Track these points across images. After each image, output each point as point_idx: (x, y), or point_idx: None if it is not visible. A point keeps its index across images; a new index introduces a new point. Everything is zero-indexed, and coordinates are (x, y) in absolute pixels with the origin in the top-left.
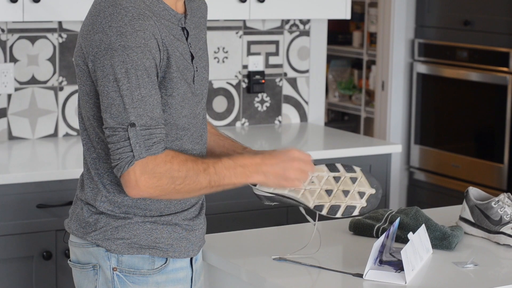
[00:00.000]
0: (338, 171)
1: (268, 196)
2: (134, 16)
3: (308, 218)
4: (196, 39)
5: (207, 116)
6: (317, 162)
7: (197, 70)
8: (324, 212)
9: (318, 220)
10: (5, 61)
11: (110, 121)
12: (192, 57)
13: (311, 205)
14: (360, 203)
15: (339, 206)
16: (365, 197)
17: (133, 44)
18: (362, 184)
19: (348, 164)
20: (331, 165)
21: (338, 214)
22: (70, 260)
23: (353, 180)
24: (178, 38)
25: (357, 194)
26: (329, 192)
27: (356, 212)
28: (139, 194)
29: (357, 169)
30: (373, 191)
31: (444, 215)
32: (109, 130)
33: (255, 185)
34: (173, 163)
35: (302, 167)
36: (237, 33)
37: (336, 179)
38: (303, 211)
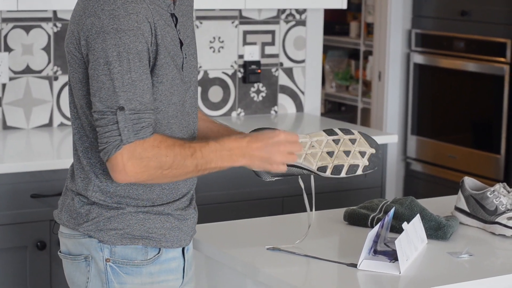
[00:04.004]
0: (336, 134)
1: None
2: None
3: (306, 203)
4: (184, 27)
5: (199, 106)
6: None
7: (186, 57)
8: (328, 172)
9: (315, 209)
10: (0, 50)
11: (99, 104)
12: (181, 44)
13: (314, 167)
14: (362, 162)
15: (342, 166)
16: (366, 156)
17: (125, 27)
18: (361, 145)
19: (345, 127)
20: (328, 130)
21: (343, 174)
22: (60, 252)
23: (353, 141)
24: (168, 24)
25: (358, 153)
26: (330, 153)
27: (359, 171)
28: (126, 179)
29: (355, 131)
30: (373, 150)
31: (439, 205)
32: (98, 114)
33: None
34: (161, 147)
35: (288, 150)
36: (232, 22)
37: (336, 141)
38: (302, 185)
